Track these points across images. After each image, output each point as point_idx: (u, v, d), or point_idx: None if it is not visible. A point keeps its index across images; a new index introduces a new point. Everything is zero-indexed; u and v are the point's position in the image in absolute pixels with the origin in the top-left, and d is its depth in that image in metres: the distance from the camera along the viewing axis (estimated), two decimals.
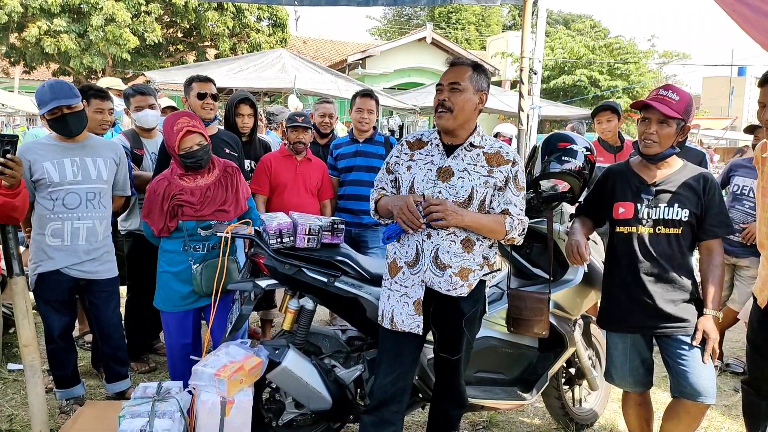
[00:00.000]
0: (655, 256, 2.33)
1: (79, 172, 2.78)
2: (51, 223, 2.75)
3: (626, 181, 2.43)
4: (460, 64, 2.17)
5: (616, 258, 2.45)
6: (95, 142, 2.91)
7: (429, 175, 2.16)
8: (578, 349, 2.85)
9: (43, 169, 2.71)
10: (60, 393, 2.95)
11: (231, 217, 2.79)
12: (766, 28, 2.69)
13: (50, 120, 2.73)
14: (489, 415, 3.17)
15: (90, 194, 2.80)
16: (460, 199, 2.12)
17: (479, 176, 2.13)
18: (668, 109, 2.23)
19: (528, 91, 4.73)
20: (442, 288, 2.15)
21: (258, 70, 11.37)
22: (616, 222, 2.43)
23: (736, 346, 4.33)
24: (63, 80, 2.83)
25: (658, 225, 2.33)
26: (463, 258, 2.15)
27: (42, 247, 2.77)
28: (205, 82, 3.45)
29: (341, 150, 3.95)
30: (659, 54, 21.22)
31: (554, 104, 16.18)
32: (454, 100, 2.11)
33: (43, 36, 13.97)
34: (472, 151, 2.16)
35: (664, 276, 2.33)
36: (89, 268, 2.83)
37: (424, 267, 2.16)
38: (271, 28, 18.01)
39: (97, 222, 2.83)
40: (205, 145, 2.72)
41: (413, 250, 2.18)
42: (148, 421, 2.15)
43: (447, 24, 32.15)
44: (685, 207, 2.31)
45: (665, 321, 2.33)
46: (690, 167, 2.40)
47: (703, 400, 2.29)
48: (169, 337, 2.87)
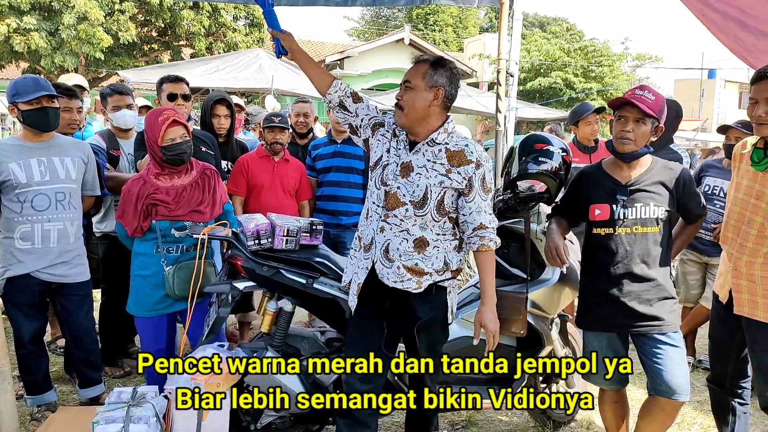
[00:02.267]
0: (633, 255, 2.36)
1: (47, 172, 2.71)
2: (20, 226, 2.68)
3: (600, 183, 2.45)
4: (420, 62, 2.15)
5: (593, 258, 2.48)
6: (62, 142, 2.85)
7: (394, 168, 2.16)
8: (555, 348, 2.88)
9: (8, 170, 2.63)
10: (31, 399, 2.88)
11: (207, 218, 2.74)
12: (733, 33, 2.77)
13: (29, 110, 2.64)
14: (468, 414, 3.19)
15: (59, 195, 2.74)
16: (416, 198, 2.09)
17: (436, 174, 2.09)
18: (645, 107, 2.26)
19: (505, 92, 4.78)
20: (390, 280, 2.13)
21: (235, 70, 11.29)
22: (592, 224, 2.45)
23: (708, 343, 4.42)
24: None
25: (635, 225, 2.36)
26: (411, 257, 2.12)
27: (11, 251, 2.70)
28: (176, 82, 3.40)
29: (319, 151, 3.94)
30: (632, 57, 21.62)
31: (531, 106, 16.37)
32: (406, 98, 2.11)
33: (12, 34, 13.63)
34: (434, 147, 2.13)
35: (641, 275, 2.36)
36: (61, 271, 2.77)
37: (374, 256, 2.16)
38: (247, 28, 17.86)
39: (68, 223, 2.77)
40: (187, 140, 2.68)
41: (370, 236, 2.18)
42: (123, 426, 2.11)
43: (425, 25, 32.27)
44: (661, 205, 2.34)
45: (641, 320, 2.36)
46: (660, 163, 2.43)
47: (677, 397, 2.34)
48: (143, 342, 2.81)
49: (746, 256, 2.26)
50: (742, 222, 2.29)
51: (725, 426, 2.54)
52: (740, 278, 2.28)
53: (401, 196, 2.11)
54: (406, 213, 2.10)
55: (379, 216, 2.15)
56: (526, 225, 2.66)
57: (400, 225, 2.12)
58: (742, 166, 2.35)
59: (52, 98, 2.69)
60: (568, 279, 2.78)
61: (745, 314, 2.27)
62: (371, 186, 2.22)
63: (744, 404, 2.51)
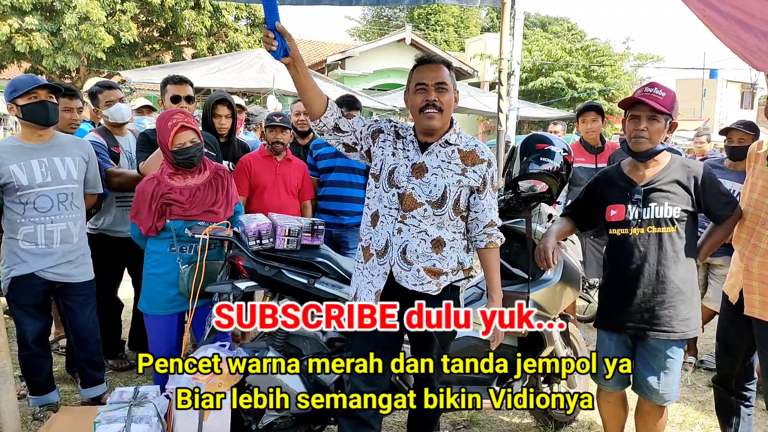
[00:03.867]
0: (648, 256, 2.31)
1: (48, 173, 2.71)
2: (23, 228, 2.68)
3: (615, 184, 2.43)
4: (437, 62, 2.13)
5: (611, 258, 2.46)
6: (62, 141, 2.84)
7: (405, 170, 2.14)
8: (556, 348, 2.88)
9: (9, 172, 2.63)
10: (33, 399, 2.89)
11: (221, 218, 2.75)
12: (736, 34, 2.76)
13: (27, 105, 2.64)
14: (470, 414, 3.19)
15: (62, 195, 2.74)
16: (433, 198, 2.10)
17: (453, 174, 2.12)
18: (657, 105, 2.25)
19: (506, 92, 4.78)
20: (409, 283, 2.13)
21: (236, 70, 11.30)
22: (609, 224, 2.43)
23: (710, 343, 4.42)
24: None
25: (649, 225, 2.31)
26: (430, 258, 2.13)
27: (14, 251, 2.70)
28: (180, 83, 3.39)
29: (321, 150, 3.93)
30: (634, 57, 21.60)
31: (532, 105, 16.36)
32: (443, 99, 2.09)
33: (14, 34, 13.63)
34: (447, 148, 2.15)
35: (656, 277, 2.31)
36: (65, 270, 2.77)
37: (392, 259, 2.14)
38: (249, 28, 17.84)
39: (71, 223, 2.77)
40: (198, 143, 2.69)
41: (383, 241, 2.16)
42: (124, 426, 2.12)
43: (426, 25, 32.26)
44: (676, 204, 2.29)
45: (646, 323, 2.33)
46: (679, 161, 2.38)
47: (656, 400, 2.34)
48: (153, 341, 2.81)
49: (759, 257, 2.24)
50: (756, 223, 2.27)
51: (728, 427, 2.54)
52: (752, 279, 2.26)
53: (417, 197, 2.11)
54: (425, 213, 2.11)
55: (395, 218, 2.13)
56: (528, 225, 2.66)
57: (418, 226, 2.12)
58: (758, 166, 2.34)
59: (50, 93, 2.68)
60: (569, 279, 2.77)
61: (755, 315, 2.25)
62: (377, 192, 2.20)
63: (748, 406, 2.50)
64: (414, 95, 2.13)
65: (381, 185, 2.18)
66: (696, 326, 2.33)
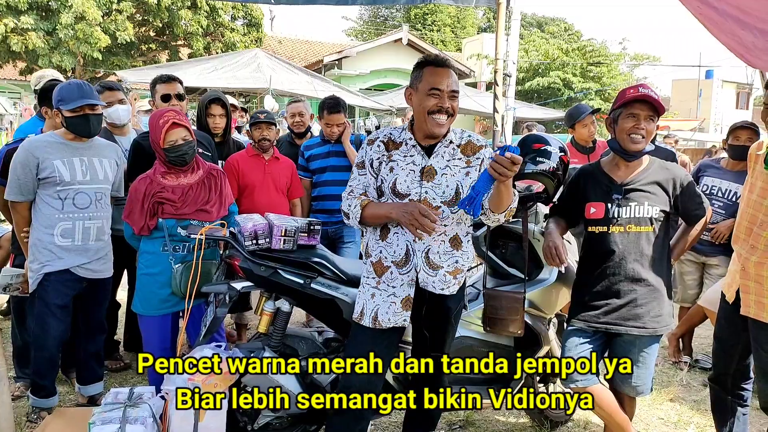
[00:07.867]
0: (626, 255, 2.36)
1: (88, 172, 2.81)
2: (60, 223, 2.74)
3: (596, 181, 2.46)
4: (450, 67, 2.14)
5: (589, 256, 2.49)
6: (99, 143, 2.95)
7: (412, 176, 2.14)
8: (552, 348, 2.88)
9: (53, 167, 2.71)
10: (34, 400, 2.88)
11: (213, 218, 2.74)
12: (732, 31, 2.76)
13: (72, 117, 2.72)
14: (466, 414, 3.19)
15: (98, 194, 2.85)
16: (447, 198, 2.13)
17: (459, 170, 2.16)
18: (660, 105, 2.28)
19: (503, 92, 4.78)
20: (436, 288, 2.17)
21: (233, 70, 11.26)
22: (588, 222, 2.46)
23: (705, 342, 4.43)
24: (84, 81, 2.86)
25: (629, 224, 2.36)
26: (452, 255, 2.19)
27: (48, 247, 2.74)
28: (169, 82, 3.40)
29: (313, 151, 3.91)
30: (630, 57, 21.67)
31: (529, 106, 16.36)
32: (454, 106, 2.12)
33: (9, 34, 13.58)
34: (448, 148, 2.18)
35: (632, 275, 2.36)
36: (96, 266, 2.87)
37: (416, 267, 2.16)
38: (245, 28, 17.81)
39: (104, 221, 2.89)
40: (190, 141, 2.68)
41: (402, 250, 2.16)
42: (119, 427, 2.10)
43: (423, 25, 32.26)
44: (655, 205, 2.34)
45: (622, 319, 2.37)
46: (658, 163, 2.43)
47: (629, 392, 2.44)
48: (148, 341, 2.79)
49: (755, 257, 2.25)
50: (755, 224, 2.28)
51: (723, 426, 2.54)
52: (748, 279, 2.28)
53: (432, 200, 2.13)
54: (442, 215, 2.13)
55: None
56: (524, 225, 2.66)
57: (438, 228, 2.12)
58: (757, 167, 2.34)
59: (93, 106, 2.75)
60: (565, 279, 2.77)
61: (751, 315, 2.26)
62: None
63: (744, 406, 2.51)
64: (427, 97, 2.09)
65: (387, 198, 2.18)
66: (667, 323, 2.42)
